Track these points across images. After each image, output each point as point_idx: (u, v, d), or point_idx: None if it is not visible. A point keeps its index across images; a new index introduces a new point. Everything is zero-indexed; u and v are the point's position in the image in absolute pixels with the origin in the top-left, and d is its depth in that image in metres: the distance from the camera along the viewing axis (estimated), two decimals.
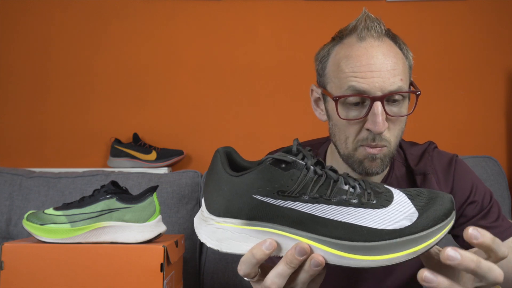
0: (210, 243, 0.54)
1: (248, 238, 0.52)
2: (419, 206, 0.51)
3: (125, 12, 1.89)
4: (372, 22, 0.77)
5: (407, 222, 0.49)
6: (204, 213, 0.56)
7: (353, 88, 0.75)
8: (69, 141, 1.86)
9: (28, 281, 0.86)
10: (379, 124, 0.73)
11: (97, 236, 0.88)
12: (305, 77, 1.84)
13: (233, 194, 0.52)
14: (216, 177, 0.54)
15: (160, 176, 1.48)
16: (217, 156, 0.55)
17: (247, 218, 0.52)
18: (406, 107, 0.79)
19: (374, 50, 0.76)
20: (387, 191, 0.53)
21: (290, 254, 0.50)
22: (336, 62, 0.79)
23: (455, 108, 1.88)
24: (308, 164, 0.52)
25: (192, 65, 1.89)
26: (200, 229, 0.56)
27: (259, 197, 0.51)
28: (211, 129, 1.88)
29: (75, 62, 1.88)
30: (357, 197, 0.51)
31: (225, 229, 0.53)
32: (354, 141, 0.78)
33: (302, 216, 0.50)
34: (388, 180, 0.88)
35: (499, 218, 0.86)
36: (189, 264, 1.41)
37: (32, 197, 1.42)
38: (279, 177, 0.51)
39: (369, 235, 0.49)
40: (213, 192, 0.54)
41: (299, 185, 0.51)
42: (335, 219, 0.50)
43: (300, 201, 0.51)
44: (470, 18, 1.89)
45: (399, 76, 0.76)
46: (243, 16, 1.90)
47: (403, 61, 0.79)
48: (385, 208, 0.50)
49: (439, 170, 0.89)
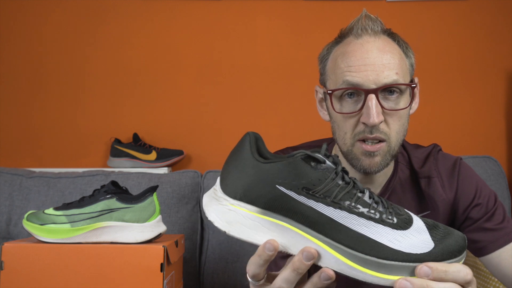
0: (218, 223, 0.53)
1: (259, 227, 0.51)
2: (435, 238, 0.50)
3: (125, 12, 1.89)
4: (369, 21, 0.78)
5: (423, 250, 0.49)
6: (218, 192, 0.54)
7: (348, 82, 0.76)
8: (69, 141, 1.86)
9: (28, 281, 0.86)
10: (373, 116, 0.73)
11: (97, 236, 0.88)
12: (305, 77, 1.84)
13: (256, 179, 0.51)
14: (241, 159, 0.53)
15: (160, 176, 1.48)
16: (246, 138, 0.54)
17: (264, 207, 0.51)
18: (404, 102, 0.78)
19: (369, 45, 0.76)
20: (407, 215, 0.53)
21: (298, 259, 0.50)
22: (333, 59, 0.81)
23: (455, 108, 1.88)
24: (338, 169, 0.52)
25: (192, 65, 1.89)
26: (210, 207, 0.54)
27: (282, 188, 0.50)
28: (211, 129, 1.88)
29: (75, 62, 1.88)
30: (379, 213, 0.51)
31: (238, 213, 0.52)
32: (352, 135, 0.77)
33: (321, 217, 0.50)
34: (392, 182, 0.87)
35: (504, 220, 0.86)
36: (189, 264, 1.41)
37: (32, 197, 1.42)
38: (308, 173, 0.50)
39: (383, 252, 0.49)
40: (233, 173, 0.53)
41: (326, 186, 0.50)
42: (354, 229, 0.49)
43: (322, 203, 0.50)
44: (471, 18, 1.89)
45: (394, 70, 0.75)
46: (243, 16, 1.90)
47: (400, 57, 0.78)
48: (403, 231, 0.50)
49: (444, 173, 0.88)
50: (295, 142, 1.02)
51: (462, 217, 0.87)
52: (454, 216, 0.88)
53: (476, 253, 0.86)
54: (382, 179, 0.87)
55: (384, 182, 0.87)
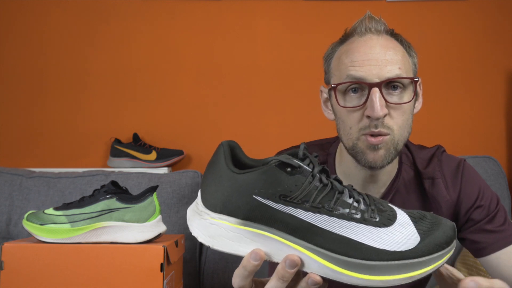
0: (201, 238, 0.53)
1: (242, 239, 0.51)
2: (422, 231, 0.50)
3: (125, 12, 1.89)
4: (373, 21, 0.80)
5: (407, 246, 0.48)
6: (199, 206, 0.53)
7: (351, 76, 0.77)
8: (69, 141, 1.86)
9: (28, 281, 0.86)
10: (377, 109, 0.73)
11: (97, 236, 0.88)
12: (305, 77, 1.84)
13: (232, 191, 0.50)
14: (217, 171, 0.52)
15: (160, 176, 1.48)
16: (220, 149, 0.53)
17: (244, 218, 0.50)
18: (408, 97, 0.78)
19: (372, 42, 0.78)
20: (391, 210, 0.52)
21: (281, 268, 0.49)
22: (338, 57, 0.82)
23: (455, 108, 1.88)
24: (314, 172, 0.51)
25: (192, 65, 1.89)
26: (193, 221, 0.54)
27: (259, 198, 0.50)
28: (211, 129, 1.88)
29: (75, 62, 1.88)
30: (360, 213, 0.50)
31: (219, 226, 0.51)
32: (357, 130, 0.78)
33: (301, 224, 0.49)
34: (396, 182, 0.88)
35: (506, 222, 0.86)
36: (189, 264, 1.41)
37: (32, 197, 1.42)
38: (284, 180, 0.50)
39: (367, 253, 0.48)
40: (211, 186, 0.52)
41: (303, 192, 0.49)
42: (335, 232, 0.49)
43: (301, 208, 0.49)
44: (470, 18, 1.89)
45: (397, 65, 0.76)
46: (243, 16, 1.90)
47: (403, 54, 0.80)
48: (386, 228, 0.49)
49: (447, 174, 0.88)
50: (295, 142, 1.01)
51: (464, 218, 0.88)
52: (456, 217, 0.88)
53: (476, 254, 0.86)
54: (386, 178, 0.87)
55: (388, 181, 0.87)
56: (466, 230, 0.87)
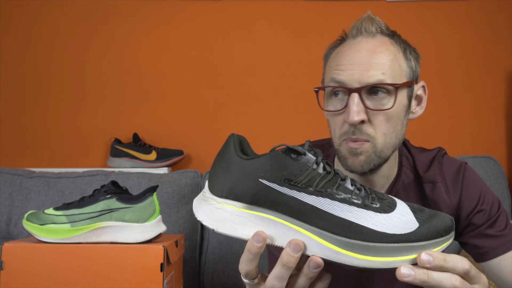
0: (206, 222, 0.54)
1: (246, 223, 0.52)
2: (420, 220, 0.51)
3: (125, 12, 1.89)
4: (366, 22, 0.78)
5: (407, 230, 0.50)
6: (206, 193, 0.56)
7: (333, 80, 0.76)
8: (69, 141, 1.87)
9: (28, 281, 0.86)
10: (352, 114, 0.72)
11: (97, 236, 0.88)
12: (305, 77, 1.84)
13: (240, 176, 0.52)
14: (226, 159, 0.55)
15: (160, 176, 1.48)
16: (230, 139, 0.56)
17: (249, 202, 0.52)
18: (391, 103, 0.75)
19: (360, 46, 0.76)
20: (391, 199, 0.53)
21: (286, 253, 0.50)
22: (331, 59, 0.82)
23: (455, 108, 1.88)
24: (318, 160, 0.53)
25: (192, 65, 1.89)
26: (199, 208, 0.56)
27: (265, 181, 0.51)
28: (211, 129, 1.88)
29: (75, 62, 1.88)
30: (361, 199, 0.52)
31: (225, 210, 0.53)
32: (339, 134, 0.77)
33: (304, 206, 0.51)
34: (395, 186, 0.86)
35: (507, 227, 0.85)
36: (189, 264, 1.41)
37: (32, 197, 1.42)
38: (289, 165, 0.52)
39: (367, 235, 0.49)
40: (219, 173, 0.55)
41: (307, 176, 0.51)
42: (336, 215, 0.50)
43: (305, 192, 0.51)
44: (471, 18, 1.89)
45: (382, 70, 0.74)
46: (243, 16, 1.90)
47: (393, 58, 0.76)
48: (386, 214, 0.51)
49: (448, 178, 0.87)
50: (295, 142, 1.01)
51: (464, 222, 0.86)
52: (457, 221, 0.87)
53: (477, 258, 0.86)
54: (383, 182, 0.85)
55: (386, 185, 0.86)
56: (467, 235, 0.86)
